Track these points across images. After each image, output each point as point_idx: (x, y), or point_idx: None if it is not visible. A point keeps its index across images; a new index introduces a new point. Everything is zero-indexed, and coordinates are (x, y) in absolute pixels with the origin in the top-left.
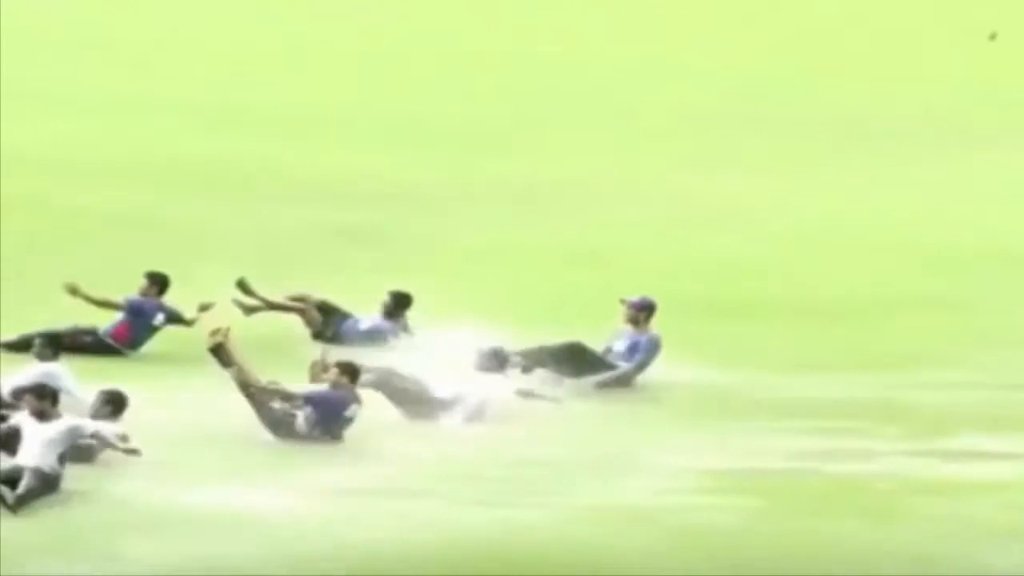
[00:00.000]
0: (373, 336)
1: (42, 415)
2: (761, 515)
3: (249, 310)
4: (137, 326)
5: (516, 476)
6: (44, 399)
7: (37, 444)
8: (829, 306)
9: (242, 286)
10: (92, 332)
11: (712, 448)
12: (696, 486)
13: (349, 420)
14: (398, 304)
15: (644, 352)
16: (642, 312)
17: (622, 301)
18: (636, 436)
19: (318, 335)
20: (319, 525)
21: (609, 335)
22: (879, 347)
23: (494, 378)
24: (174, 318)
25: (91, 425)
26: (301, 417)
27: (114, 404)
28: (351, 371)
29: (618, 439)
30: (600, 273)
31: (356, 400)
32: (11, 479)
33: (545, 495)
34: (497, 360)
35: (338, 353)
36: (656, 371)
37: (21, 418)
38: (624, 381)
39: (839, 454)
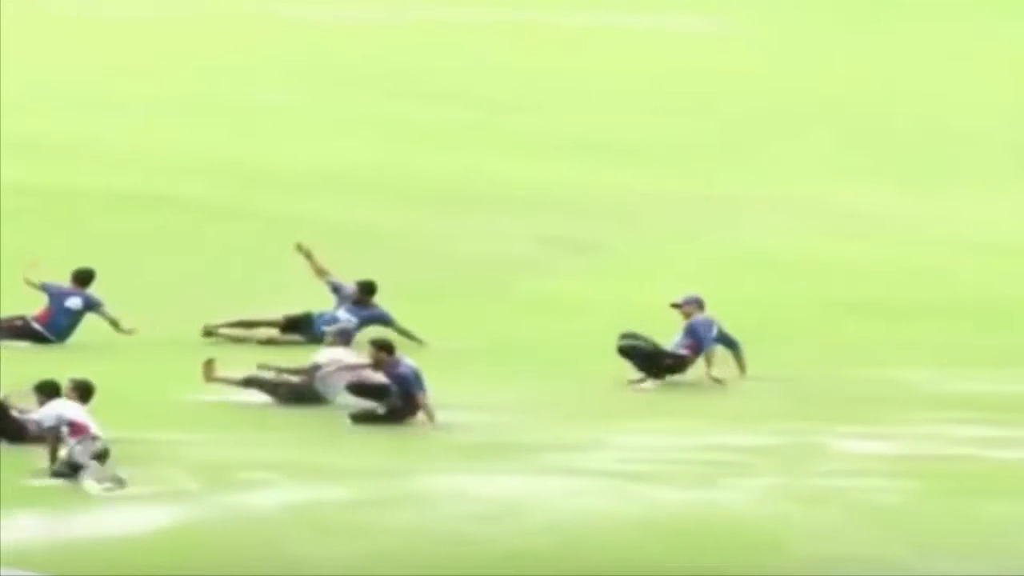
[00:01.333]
0: (375, 321)
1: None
2: (927, 496)
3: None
4: (55, 309)
5: (711, 461)
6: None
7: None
8: (983, 307)
9: (208, 333)
10: (22, 317)
11: (882, 436)
12: (869, 469)
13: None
14: (364, 291)
15: (708, 329)
16: (692, 305)
17: (672, 306)
18: (814, 425)
19: (314, 340)
20: (537, 502)
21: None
22: None
23: (341, 352)
24: (92, 305)
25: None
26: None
27: (80, 391)
28: (387, 347)
29: (799, 427)
30: (771, 277)
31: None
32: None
33: (736, 477)
34: (343, 338)
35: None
36: (830, 368)
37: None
38: (742, 361)
39: (996, 442)
